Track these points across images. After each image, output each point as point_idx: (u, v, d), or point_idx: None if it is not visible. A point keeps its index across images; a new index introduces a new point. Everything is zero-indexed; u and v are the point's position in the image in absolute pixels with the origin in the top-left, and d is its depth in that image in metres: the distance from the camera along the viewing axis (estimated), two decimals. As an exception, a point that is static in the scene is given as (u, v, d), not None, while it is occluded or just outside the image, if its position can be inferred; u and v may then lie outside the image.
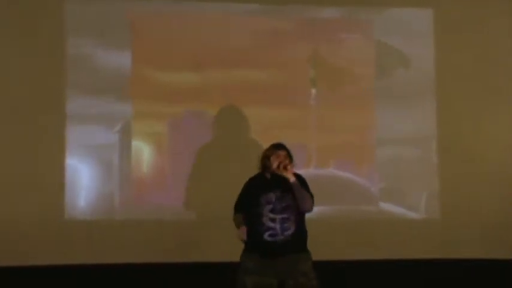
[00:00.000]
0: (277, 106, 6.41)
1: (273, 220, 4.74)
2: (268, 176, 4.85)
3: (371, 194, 6.54)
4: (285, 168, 4.70)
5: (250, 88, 6.41)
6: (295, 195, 4.71)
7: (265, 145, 5.05)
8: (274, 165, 4.76)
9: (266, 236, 4.71)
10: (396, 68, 6.57)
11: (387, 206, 6.52)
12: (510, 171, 6.53)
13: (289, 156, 4.81)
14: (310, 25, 6.55)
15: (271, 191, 4.78)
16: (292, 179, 4.70)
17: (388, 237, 6.37)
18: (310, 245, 4.87)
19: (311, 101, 6.49)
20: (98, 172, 6.29)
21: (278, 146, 4.85)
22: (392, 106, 6.55)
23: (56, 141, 6.20)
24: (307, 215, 4.86)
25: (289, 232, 4.74)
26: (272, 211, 4.75)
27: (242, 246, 4.84)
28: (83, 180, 6.26)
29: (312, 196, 4.79)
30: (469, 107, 6.60)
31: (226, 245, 5.55)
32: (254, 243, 4.74)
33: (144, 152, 6.35)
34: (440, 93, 6.61)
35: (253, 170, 4.95)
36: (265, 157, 4.84)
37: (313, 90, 6.49)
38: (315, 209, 4.86)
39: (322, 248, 4.99)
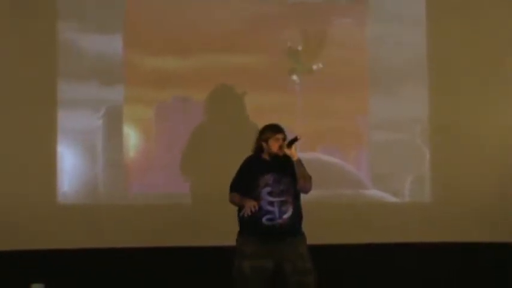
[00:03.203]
0: (266, 91, 6.39)
1: (271, 204, 4.75)
2: (266, 157, 4.87)
3: (361, 178, 6.55)
4: (289, 147, 4.71)
5: (238, 73, 6.39)
6: (298, 174, 4.73)
7: (258, 129, 5.06)
8: (274, 148, 4.79)
9: (264, 220, 4.73)
10: (387, 53, 6.56)
11: (379, 191, 6.53)
12: (502, 154, 6.57)
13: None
14: (300, 9, 6.53)
15: (268, 173, 4.78)
16: (296, 157, 4.72)
17: (379, 221, 6.38)
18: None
19: (299, 85, 6.50)
20: (89, 157, 6.27)
21: (276, 129, 4.85)
22: (384, 91, 6.54)
23: (46, 126, 6.18)
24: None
25: (287, 215, 4.77)
26: (270, 194, 4.76)
27: (237, 229, 4.87)
28: (74, 165, 6.24)
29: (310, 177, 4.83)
30: (461, 91, 6.59)
31: (221, 228, 5.60)
32: (251, 227, 4.75)
33: (133, 137, 6.34)
34: (432, 78, 6.60)
35: (245, 152, 4.98)
36: (263, 139, 4.86)
37: (301, 75, 6.50)
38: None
39: (311, 232, 4.98)
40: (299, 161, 4.75)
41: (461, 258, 6.41)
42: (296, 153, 4.74)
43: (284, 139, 4.80)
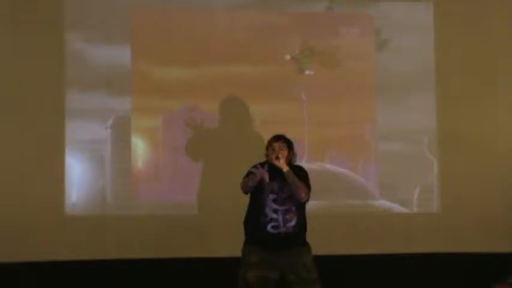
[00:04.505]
0: (273, 100, 6.41)
1: (275, 211, 4.76)
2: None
3: (369, 188, 6.54)
4: (277, 158, 4.74)
5: (245, 83, 6.42)
6: (289, 183, 4.72)
7: (265, 139, 5.05)
8: (270, 156, 4.80)
9: (269, 227, 4.73)
10: (395, 62, 6.57)
11: (387, 201, 6.51)
12: (510, 164, 6.55)
13: (288, 147, 4.85)
14: (306, 19, 6.55)
15: (274, 180, 4.78)
16: (285, 168, 4.73)
17: (387, 232, 6.38)
18: (308, 239, 4.88)
19: (306, 95, 6.49)
20: (97, 167, 6.28)
21: (276, 138, 4.88)
22: (391, 100, 6.55)
23: (55, 137, 6.18)
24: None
25: (291, 224, 4.76)
26: (275, 201, 4.77)
27: (242, 240, 4.84)
28: (82, 176, 6.25)
29: (308, 187, 4.81)
30: (469, 100, 6.59)
31: (227, 239, 5.58)
32: (256, 235, 4.76)
33: (141, 147, 6.35)
34: (439, 87, 6.60)
35: (252, 162, 4.91)
36: (266, 148, 4.88)
37: (309, 85, 6.49)
38: (313, 203, 4.91)
39: (319, 242, 4.96)
40: (288, 171, 4.74)
41: (471, 269, 6.37)
42: (284, 164, 4.73)
43: (281, 147, 4.81)
